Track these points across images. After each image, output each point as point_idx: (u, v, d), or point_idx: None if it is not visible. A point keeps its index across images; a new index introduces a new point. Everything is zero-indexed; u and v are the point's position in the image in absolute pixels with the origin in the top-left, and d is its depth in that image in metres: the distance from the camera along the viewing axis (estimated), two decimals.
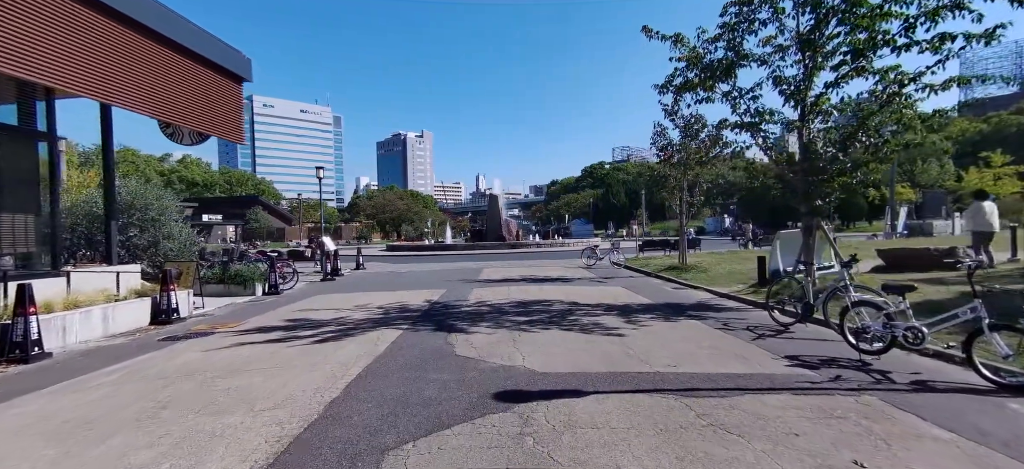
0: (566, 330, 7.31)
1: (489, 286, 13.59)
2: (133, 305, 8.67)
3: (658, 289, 12.51)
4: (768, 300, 7.68)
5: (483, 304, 10.24)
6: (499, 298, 11.03)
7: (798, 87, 8.70)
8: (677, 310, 9.09)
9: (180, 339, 7.51)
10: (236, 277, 12.87)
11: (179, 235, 13.13)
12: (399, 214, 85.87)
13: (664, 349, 5.95)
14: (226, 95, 12.81)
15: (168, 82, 10.31)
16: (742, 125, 9.40)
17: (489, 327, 7.64)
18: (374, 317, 8.85)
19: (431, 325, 7.92)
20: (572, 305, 9.87)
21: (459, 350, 6.11)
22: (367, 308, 10.01)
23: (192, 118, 12.01)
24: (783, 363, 5.26)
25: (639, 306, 9.68)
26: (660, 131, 15.91)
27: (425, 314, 9.11)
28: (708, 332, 7.04)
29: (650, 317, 8.33)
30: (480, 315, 8.83)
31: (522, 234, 43.38)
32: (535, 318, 8.41)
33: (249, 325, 8.54)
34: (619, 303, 10.06)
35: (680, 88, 10.18)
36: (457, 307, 9.91)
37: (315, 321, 8.62)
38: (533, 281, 14.75)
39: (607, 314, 8.72)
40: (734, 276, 13.53)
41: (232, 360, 5.98)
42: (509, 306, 9.85)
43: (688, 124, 15.33)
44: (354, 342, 6.74)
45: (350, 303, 10.80)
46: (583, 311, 9.10)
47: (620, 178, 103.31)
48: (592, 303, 10.04)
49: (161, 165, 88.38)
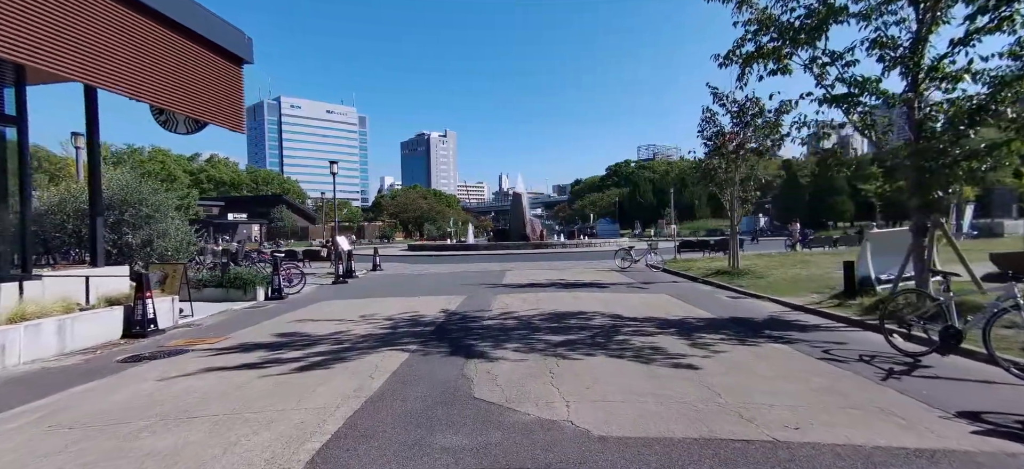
0: (616, 357, 5.67)
1: (514, 292, 12.02)
2: (100, 316, 7.42)
3: (711, 298, 10.70)
4: (882, 319, 5.86)
5: (509, 315, 8.66)
6: (527, 308, 9.44)
7: (913, 47, 6.83)
8: (749, 328, 7.33)
9: (144, 360, 6.18)
10: (236, 280, 11.64)
11: (175, 234, 11.99)
12: (421, 213, 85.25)
13: (765, 395, 4.24)
14: (225, 79, 11.60)
15: (160, 63, 9.14)
16: (830, 99, 7.57)
17: (517, 350, 6.05)
18: (379, 332, 7.38)
19: (445, 346, 6.38)
20: (615, 318, 8.21)
21: (479, 390, 4.55)
22: (374, 319, 8.56)
23: (187, 104, 10.84)
24: (965, 427, 3.50)
25: (699, 321, 7.94)
26: (708, 117, 14.04)
27: (439, 329, 7.59)
28: (810, 364, 5.29)
29: (720, 338, 6.60)
30: (505, 332, 7.25)
31: (546, 234, 41.69)
32: (574, 337, 6.79)
33: (232, 341, 7.17)
34: (672, 317, 8.34)
35: (748, 58, 8.39)
36: (478, 319, 8.36)
37: (308, 337, 7.20)
38: (564, 287, 13.10)
39: (663, 332, 7.02)
40: (800, 283, 11.60)
41: (185, 398, 4.56)
42: (540, 319, 8.24)
43: (742, 108, 13.42)
44: (345, 372, 5.25)
45: (356, 312, 9.38)
46: (631, 328, 7.42)
47: (646, 176, 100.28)
48: (639, 317, 8.35)
49: (190, 164, 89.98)
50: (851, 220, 63.63)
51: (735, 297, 10.80)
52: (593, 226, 65.21)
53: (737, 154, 13.76)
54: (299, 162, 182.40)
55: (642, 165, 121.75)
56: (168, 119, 11.46)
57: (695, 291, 11.94)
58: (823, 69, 7.57)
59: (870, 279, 8.60)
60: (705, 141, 14.17)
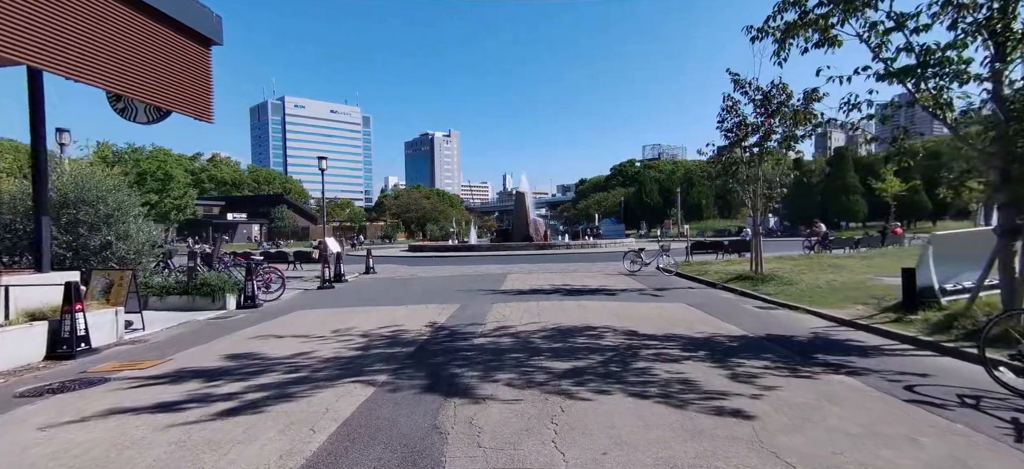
0: (638, 395, 4.39)
1: (514, 300, 10.75)
2: (13, 335, 6.20)
3: (738, 309, 9.39)
4: (983, 345, 4.54)
5: (505, 332, 7.39)
6: (527, 321, 8.16)
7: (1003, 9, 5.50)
8: (796, 350, 6.02)
9: (47, 394, 4.95)
10: (203, 288, 10.43)
11: (136, 235, 10.79)
12: (424, 213, 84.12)
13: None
14: (191, 62, 10.42)
15: (114, 42, 8.02)
16: (892, 73, 6.24)
17: (511, 384, 4.78)
18: (347, 355, 6.12)
19: (422, 376, 5.12)
20: (630, 336, 6.92)
21: (454, 448, 3.29)
22: (347, 336, 7.31)
23: (148, 89, 9.66)
24: None
25: (731, 340, 6.64)
26: (729, 107, 12.70)
27: (420, 350, 6.33)
28: (899, 410, 3.99)
29: (764, 366, 5.30)
30: (499, 355, 5.98)
31: (550, 234, 40.37)
32: (582, 363, 5.51)
33: (169, 365, 5.94)
34: (698, 333, 7.04)
35: (789, 28, 7.07)
36: (468, 337, 7.10)
37: (261, 361, 5.95)
38: (569, 293, 11.82)
39: (691, 356, 5.74)
40: (838, 291, 10.26)
41: (45, 466, 3.32)
42: (541, 337, 6.96)
43: (767, 96, 12.08)
44: (282, 419, 3.99)
45: (328, 326, 8.13)
46: (651, 349, 6.14)
47: (652, 176, 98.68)
48: (660, 334, 7.06)
49: (191, 164, 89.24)
50: (863, 221, 61.94)
51: (765, 307, 9.48)
52: (598, 226, 63.78)
53: (761, 146, 12.43)
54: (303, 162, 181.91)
55: (647, 164, 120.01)
56: (126, 107, 10.30)
57: (717, 299, 10.62)
58: (884, 37, 6.24)
59: (933, 289, 7.27)
60: (725, 132, 12.84)
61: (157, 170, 50.62)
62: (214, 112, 10.82)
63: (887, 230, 25.35)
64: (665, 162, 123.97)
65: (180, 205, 51.25)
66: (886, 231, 24.99)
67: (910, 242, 24.34)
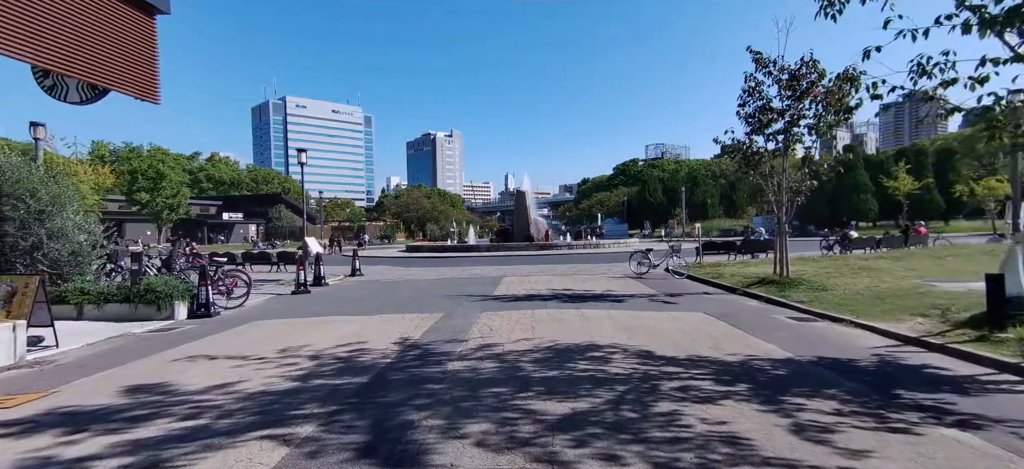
0: (666, 467, 2.96)
1: (506, 308, 9.34)
2: None
3: (769, 320, 7.94)
4: None
5: (489, 352, 5.96)
6: (518, 337, 6.74)
7: None
8: (869, 384, 4.57)
9: None
10: (147, 294, 9.04)
11: (73, 234, 9.42)
12: (424, 213, 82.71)
13: None
14: (132, 32, 9.06)
15: (41, 8, 6.71)
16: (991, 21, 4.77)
17: (484, 443, 3.36)
18: (277, 389, 4.71)
19: (361, 429, 3.69)
20: (645, 359, 5.49)
21: None
22: (293, 358, 5.90)
23: (80, 64, 8.30)
24: None
25: (775, 366, 5.20)
26: (751, 89, 11.22)
27: (375, 382, 4.90)
28: None
29: (834, 410, 3.86)
30: (475, 390, 4.55)
31: (552, 234, 38.91)
32: (584, 404, 4.09)
33: (39, 406, 4.53)
34: (730, 356, 5.60)
35: None
36: (442, 360, 5.67)
37: (160, 400, 4.54)
38: (569, 300, 10.39)
39: (730, 392, 4.30)
40: (885, 299, 8.79)
41: None
42: (532, 361, 5.53)
43: (795, 76, 10.62)
44: None
45: (278, 344, 6.72)
46: (674, 379, 4.71)
47: (656, 175, 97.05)
48: (682, 356, 5.62)
49: (189, 163, 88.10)
50: (874, 220, 60.26)
51: (801, 319, 8.02)
52: (601, 226, 62.21)
53: (787, 133, 10.96)
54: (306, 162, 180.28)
55: (651, 163, 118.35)
56: (55, 84, 8.94)
57: (741, 308, 9.17)
58: None
59: (1022, 300, 5.80)
60: (747, 118, 11.36)
61: (148, 168, 49.33)
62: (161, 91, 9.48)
63: (909, 229, 23.81)
64: (669, 161, 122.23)
65: (172, 204, 49.98)
66: (908, 230, 23.45)
67: (934, 242, 22.77)
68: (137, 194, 49.06)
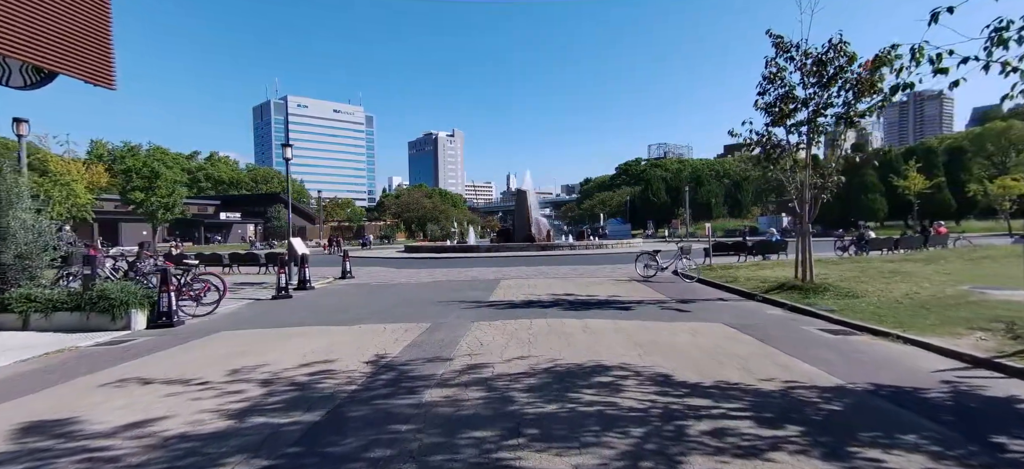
0: None
1: (502, 316, 8.36)
2: None
3: (800, 334, 6.94)
4: None
5: (476, 377, 4.99)
6: (512, 355, 5.76)
7: None
8: (958, 427, 3.57)
9: None
10: (99, 301, 8.09)
11: (23, 234, 8.49)
12: (424, 213, 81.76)
13: None
14: (83, 12, 8.19)
15: None
16: None
17: None
18: (203, 432, 3.74)
19: None
20: (665, 387, 4.52)
21: None
22: (240, 382, 4.94)
23: (24, 45, 7.48)
24: None
25: (823, 396, 4.21)
26: (772, 76, 10.20)
27: (329, 420, 3.93)
28: None
29: None
30: (453, 434, 3.57)
31: (553, 234, 37.90)
32: (589, 459, 3.10)
33: None
34: (766, 382, 4.61)
35: None
36: (418, 387, 4.70)
37: (48, 450, 3.58)
38: (572, 307, 9.42)
39: (777, 439, 3.32)
40: (932, 310, 7.78)
41: None
42: (527, 391, 4.56)
43: (821, 60, 9.61)
44: None
45: (231, 363, 5.76)
46: (703, 417, 3.74)
47: (659, 175, 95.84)
48: (708, 383, 4.64)
49: (189, 162, 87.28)
50: (882, 220, 59.04)
51: (836, 332, 7.01)
52: (603, 226, 61.13)
53: (812, 123, 9.95)
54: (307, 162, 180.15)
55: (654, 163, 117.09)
56: None
57: (764, 318, 8.17)
58: None
59: None
60: (766, 108, 10.35)
61: (143, 167, 48.51)
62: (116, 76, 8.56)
63: (929, 229, 22.70)
64: (672, 161, 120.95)
65: (168, 204, 49.12)
66: (928, 230, 22.34)
67: (955, 242, 21.68)
68: (131, 194, 48.24)
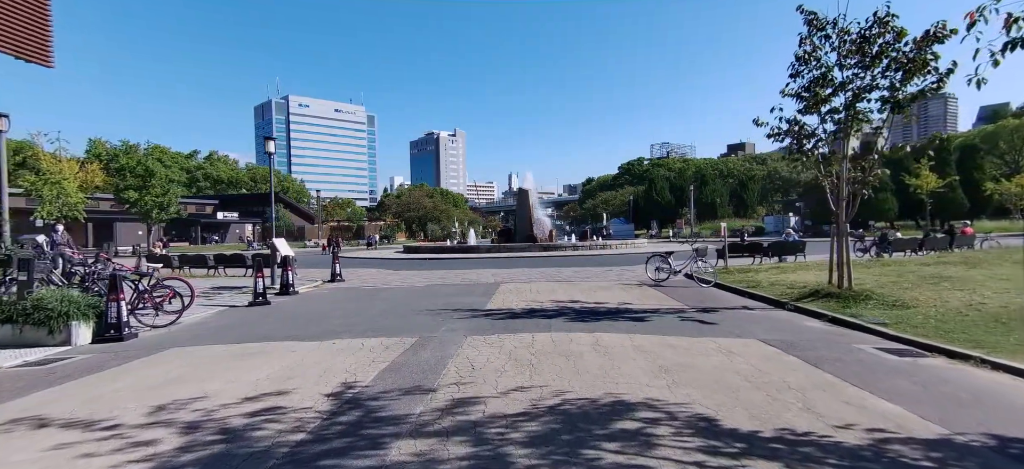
0: None
1: (499, 329, 7.23)
2: None
3: (851, 352, 5.79)
4: None
5: (462, 419, 3.85)
6: (509, 385, 4.63)
7: None
8: None
9: None
10: (35, 312, 6.99)
11: None
12: (425, 212, 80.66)
13: None
14: None
15: None
16: None
17: None
18: None
19: None
20: (709, 439, 3.38)
21: None
22: (154, 431, 3.83)
23: None
24: None
25: (929, 456, 3.07)
26: (805, 55, 9.04)
27: None
28: None
29: None
30: None
31: (556, 235, 36.76)
32: None
33: None
34: (846, 433, 3.46)
35: None
36: (383, 440, 3.54)
37: None
38: (579, 316, 8.29)
39: None
40: (1000, 322, 6.63)
41: None
42: (525, 445, 3.41)
43: (864, 38, 8.45)
44: None
45: (153, 400, 4.64)
46: None
47: (662, 174, 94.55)
48: (767, 434, 3.49)
49: (188, 162, 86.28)
50: (892, 220, 57.67)
51: (901, 352, 5.85)
52: (607, 226, 59.93)
53: (850, 109, 8.79)
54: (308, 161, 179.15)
55: (657, 162, 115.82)
56: None
57: (805, 334, 7.02)
58: None
59: None
60: (799, 92, 9.19)
61: (136, 166, 47.49)
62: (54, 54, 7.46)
63: (955, 230, 21.47)
64: (675, 160, 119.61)
65: (162, 203, 48.05)
66: (954, 231, 21.13)
67: (982, 243, 20.45)
68: (125, 193, 47.23)
